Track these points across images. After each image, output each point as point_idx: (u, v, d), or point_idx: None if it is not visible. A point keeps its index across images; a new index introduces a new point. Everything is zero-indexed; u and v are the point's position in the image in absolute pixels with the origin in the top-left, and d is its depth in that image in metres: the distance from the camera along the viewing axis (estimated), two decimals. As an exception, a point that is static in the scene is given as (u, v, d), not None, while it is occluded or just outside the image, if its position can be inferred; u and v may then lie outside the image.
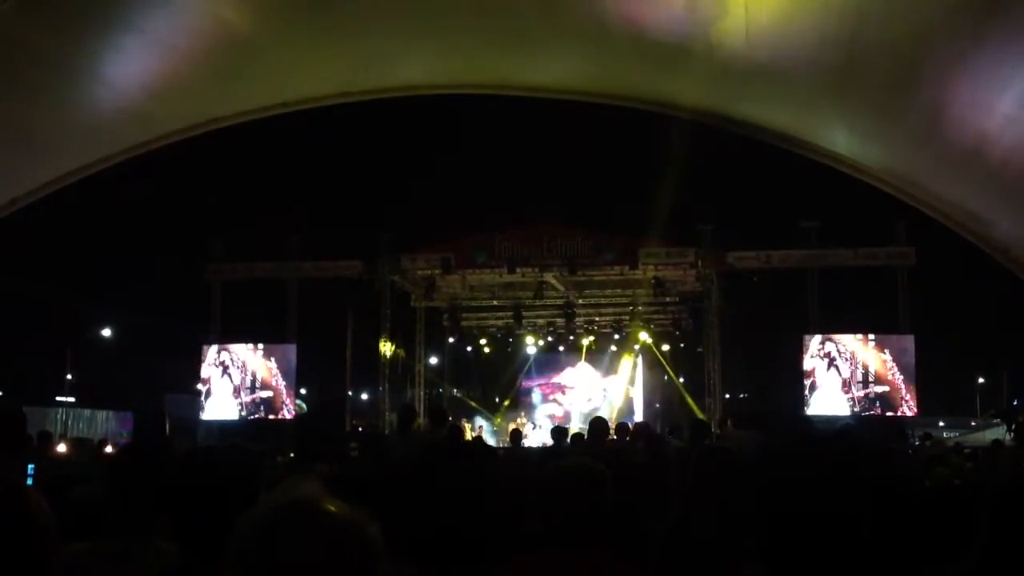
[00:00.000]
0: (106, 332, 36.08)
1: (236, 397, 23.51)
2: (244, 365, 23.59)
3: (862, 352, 21.52)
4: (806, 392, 21.56)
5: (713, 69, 14.37)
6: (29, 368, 28.27)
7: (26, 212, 17.39)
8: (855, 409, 21.17)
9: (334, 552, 1.55)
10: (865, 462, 1.74)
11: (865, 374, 21.39)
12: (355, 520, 1.60)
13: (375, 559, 1.59)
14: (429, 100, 19.36)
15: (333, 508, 1.60)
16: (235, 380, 23.56)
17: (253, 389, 23.51)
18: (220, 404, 23.52)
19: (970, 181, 14.63)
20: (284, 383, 23.50)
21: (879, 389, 21.30)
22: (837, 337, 21.72)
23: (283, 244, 24.07)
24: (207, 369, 23.71)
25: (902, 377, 21.26)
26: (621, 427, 12.54)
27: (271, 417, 23.22)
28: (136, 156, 17.60)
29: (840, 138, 16.69)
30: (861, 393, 21.33)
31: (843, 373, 21.43)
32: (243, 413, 23.30)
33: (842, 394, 21.39)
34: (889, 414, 21.11)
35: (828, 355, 21.59)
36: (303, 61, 15.38)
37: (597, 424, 10.15)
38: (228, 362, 23.63)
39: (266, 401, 23.43)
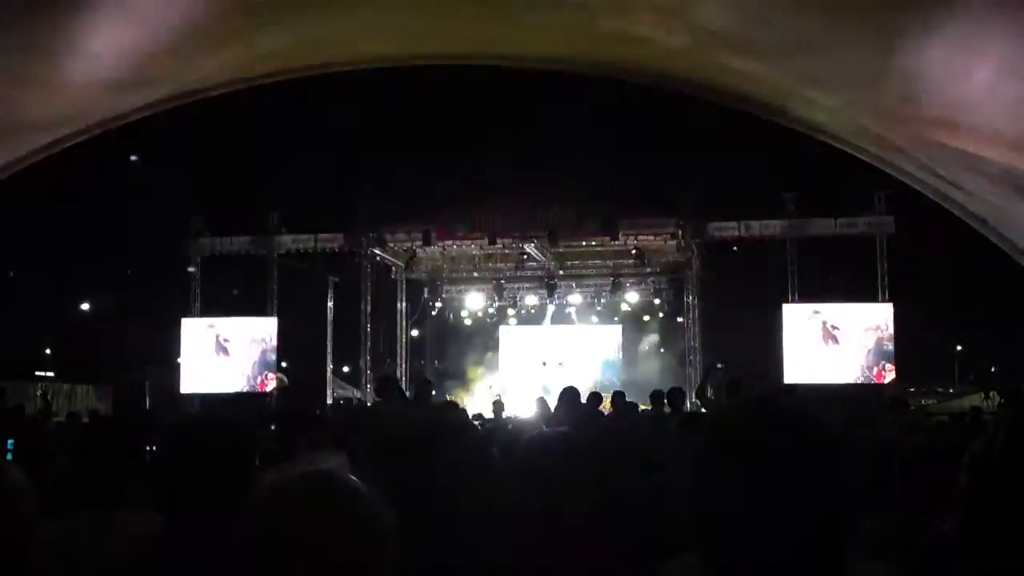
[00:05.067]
0: (85, 306, 35.93)
1: (229, 371, 23.51)
2: (232, 339, 23.57)
3: (852, 321, 21.68)
4: (788, 360, 21.71)
5: (692, 39, 14.33)
6: (7, 342, 28.11)
7: (4, 184, 17.23)
8: (853, 377, 21.36)
9: (352, 527, 1.55)
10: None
11: (858, 343, 21.57)
12: (373, 497, 1.61)
13: (389, 536, 1.60)
14: (408, 70, 19.25)
15: (353, 484, 1.61)
16: (228, 353, 23.55)
17: (243, 363, 23.52)
18: (215, 377, 23.51)
19: (949, 151, 14.66)
20: (266, 356, 23.49)
21: (865, 357, 21.51)
22: (830, 306, 21.87)
23: (263, 218, 23.99)
24: (203, 343, 23.69)
25: (882, 345, 21.44)
26: (594, 396, 12.56)
27: (252, 390, 23.24)
28: (117, 128, 17.45)
29: (818, 108, 16.69)
30: (855, 362, 21.51)
31: (840, 342, 21.60)
32: (237, 387, 23.28)
33: (838, 363, 21.54)
34: (867, 381, 21.31)
35: (825, 324, 21.73)
36: (282, 33, 15.25)
37: (569, 394, 10.16)
38: (218, 336, 23.60)
39: (250, 374, 23.44)
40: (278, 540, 1.53)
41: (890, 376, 21.33)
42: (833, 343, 21.68)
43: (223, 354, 23.56)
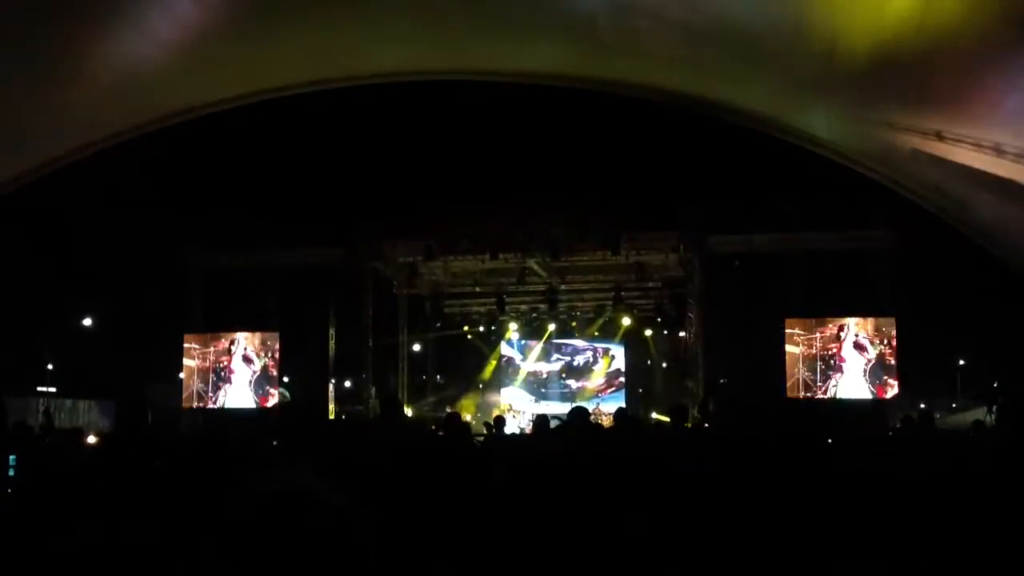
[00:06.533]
0: (87, 321, 35.91)
1: (231, 386, 23.50)
2: (233, 354, 23.58)
3: (855, 335, 21.64)
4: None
5: (695, 55, 14.37)
6: (8, 357, 28.08)
7: (3, 199, 17.25)
8: (857, 392, 21.32)
9: (324, 538, 1.55)
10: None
11: (861, 357, 21.56)
12: (345, 507, 1.61)
13: (362, 547, 1.60)
14: (411, 85, 19.28)
15: (326, 496, 1.61)
16: (230, 369, 23.55)
17: (250, 377, 23.51)
18: (216, 393, 23.51)
19: (950, 165, 14.67)
20: (267, 371, 23.48)
21: (867, 372, 21.50)
22: (832, 320, 21.84)
23: (264, 232, 23.99)
24: (204, 358, 23.70)
25: (884, 359, 21.42)
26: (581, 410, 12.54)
27: (254, 406, 23.23)
28: (117, 144, 17.48)
29: (820, 123, 16.72)
30: (858, 377, 21.48)
31: (842, 356, 21.58)
32: (239, 403, 23.26)
33: (841, 378, 21.51)
34: (871, 397, 21.29)
35: (827, 338, 21.71)
36: (284, 48, 15.29)
37: (578, 413, 10.16)
38: (219, 351, 23.61)
39: (251, 390, 23.43)
40: (254, 554, 1.54)
41: (892, 391, 21.31)
42: (835, 357, 21.65)
43: (224, 370, 23.55)
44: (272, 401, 23.27)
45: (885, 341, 21.48)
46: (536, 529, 3.09)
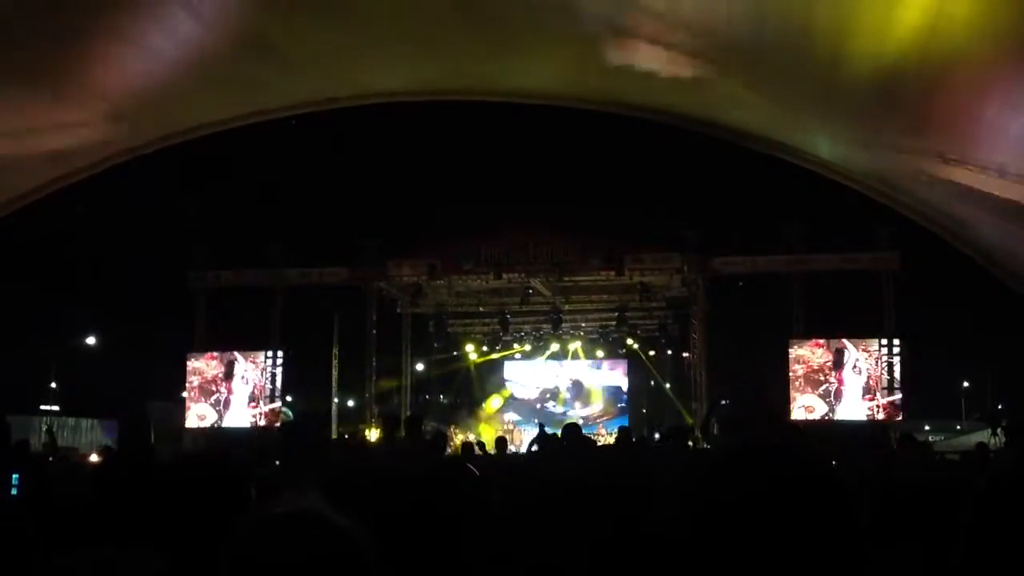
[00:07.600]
0: (90, 340, 35.93)
1: (234, 405, 23.43)
2: (236, 373, 23.52)
3: (858, 356, 21.56)
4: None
5: (697, 76, 14.42)
6: (12, 376, 28.07)
7: (8, 218, 17.28)
8: (877, 415, 21.21)
9: (332, 563, 1.55)
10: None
11: (862, 378, 21.46)
12: (353, 532, 1.61)
13: (370, 570, 1.60)
14: (415, 105, 19.34)
15: (332, 520, 1.61)
16: (233, 388, 23.48)
17: (253, 397, 23.45)
18: (219, 412, 23.44)
19: (954, 186, 14.68)
20: (270, 390, 23.42)
21: (866, 392, 21.41)
22: (835, 342, 21.75)
23: (268, 251, 23.97)
24: (208, 377, 23.65)
25: (883, 381, 21.34)
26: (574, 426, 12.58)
27: (257, 425, 23.16)
28: (122, 162, 17.53)
29: (824, 144, 16.74)
30: (860, 398, 21.38)
31: (845, 378, 21.48)
32: (242, 421, 23.18)
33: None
34: (875, 418, 21.22)
35: (831, 359, 21.63)
36: (288, 69, 15.35)
37: (571, 430, 10.24)
38: (222, 370, 23.55)
39: (254, 408, 23.38)
40: None
41: (895, 413, 21.23)
42: (837, 379, 21.58)
43: (227, 388, 23.49)
44: (274, 420, 23.18)
45: (888, 363, 21.40)
46: (538, 551, 3.07)
